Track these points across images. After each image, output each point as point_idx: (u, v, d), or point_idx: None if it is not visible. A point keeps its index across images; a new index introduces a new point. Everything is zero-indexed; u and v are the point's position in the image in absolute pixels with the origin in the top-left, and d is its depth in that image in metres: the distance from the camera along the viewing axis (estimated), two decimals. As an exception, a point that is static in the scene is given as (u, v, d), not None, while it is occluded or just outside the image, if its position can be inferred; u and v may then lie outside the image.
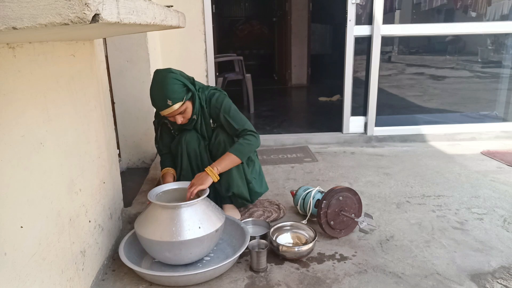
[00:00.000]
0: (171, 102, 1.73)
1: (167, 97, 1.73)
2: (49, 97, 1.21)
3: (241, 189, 2.00)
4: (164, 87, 1.73)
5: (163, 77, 1.76)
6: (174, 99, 1.74)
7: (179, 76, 1.79)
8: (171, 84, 1.74)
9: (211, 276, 1.55)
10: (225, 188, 1.99)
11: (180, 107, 1.77)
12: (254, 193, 2.07)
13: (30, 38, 0.99)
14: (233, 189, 1.98)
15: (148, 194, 1.63)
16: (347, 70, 3.31)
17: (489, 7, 3.46)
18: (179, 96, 1.75)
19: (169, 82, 1.74)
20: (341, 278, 1.56)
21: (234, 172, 1.96)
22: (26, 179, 1.08)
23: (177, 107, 1.75)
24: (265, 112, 4.72)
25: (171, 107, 1.74)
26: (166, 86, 1.73)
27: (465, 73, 3.86)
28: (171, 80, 1.75)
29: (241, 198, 2.05)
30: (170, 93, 1.73)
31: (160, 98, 1.75)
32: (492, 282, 1.52)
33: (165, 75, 1.76)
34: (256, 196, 2.10)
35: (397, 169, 2.75)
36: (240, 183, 2.00)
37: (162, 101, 1.74)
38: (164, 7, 1.16)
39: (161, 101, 1.75)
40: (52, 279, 1.19)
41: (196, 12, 3.14)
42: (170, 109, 1.75)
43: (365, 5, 3.19)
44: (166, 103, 1.73)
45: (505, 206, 2.15)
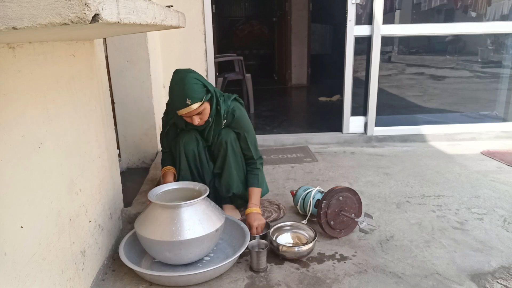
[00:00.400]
0: (190, 102, 1.70)
1: (187, 96, 1.70)
2: (49, 97, 1.21)
3: (241, 190, 2.01)
4: (185, 86, 1.70)
5: (183, 76, 1.73)
6: (193, 98, 1.71)
7: (199, 76, 1.78)
8: (191, 84, 1.71)
9: (211, 276, 1.55)
10: (226, 189, 1.99)
11: (198, 107, 1.74)
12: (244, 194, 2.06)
13: (30, 38, 0.99)
14: (233, 189, 1.99)
15: (148, 194, 1.63)
16: (347, 70, 3.31)
17: (489, 7, 3.46)
18: (198, 96, 1.72)
19: (189, 81, 1.71)
20: (341, 278, 1.56)
21: (234, 173, 1.96)
22: (26, 179, 1.08)
23: (196, 107, 1.72)
24: (265, 112, 4.72)
25: (190, 106, 1.71)
26: (186, 85, 1.70)
27: (465, 73, 3.86)
28: (191, 79, 1.72)
29: (241, 199, 2.05)
30: (190, 92, 1.70)
31: (180, 97, 1.72)
32: (492, 282, 1.52)
33: (186, 74, 1.74)
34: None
35: (397, 169, 2.75)
36: (240, 184, 2.00)
37: (181, 100, 1.71)
38: (164, 7, 1.16)
39: (180, 100, 1.72)
40: (52, 279, 1.19)
41: (196, 12, 3.14)
42: (188, 109, 1.72)
43: (365, 5, 3.19)
44: (185, 102, 1.70)
45: (505, 206, 2.15)
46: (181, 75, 1.74)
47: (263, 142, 3.36)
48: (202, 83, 1.75)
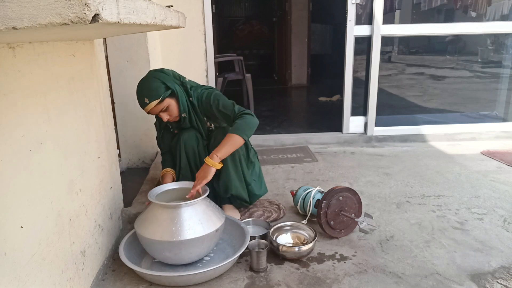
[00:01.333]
0: (147, 100, 1.80)
1: (144, 95, 1.81)
2: (49, 97, 1.21)
3: (239, 190, 2.00)
4: (142, 86, 1.83)
5: (145, 77, 1.86)
6: (150, 96, 1.80)
7: (161, 74, 1.85)
8: (148, 83, 1.82)
9: (211, 276, 1.55)
10: (224, 190, 1.99)
11: (158, 104, 1.82)
12: (253, 195, 2.07)
13: (30, 38, 0.99)
14: (232, 190, 1.98)
15: (148, 194, 1.63)
16: (347, 70, 3.31)
17: (489, 7, 3.46)
18: (155, 94, 1.80)
19: (147, 81, 1.83)
20: (341, 278, 1.56)
21: (232, 173, 1.96)
22: (26, 179, 1.08)
23: (155, 104, 1.81)
24: (265, 112, 4.72)
25: (149, 104, 1.81)
26: (144, 84, 1.83)
27: (465, 73, 3.86)
28: (150, 79, 1.83)
29: (239, 199, 2.05)
30: (146, 91, 1.81)
31: (139, 96, 1.84)
32: (492, 282, 1.52)
33: (148, 74, 1.87)
34: (255, 198, 2.10)
35: (397, 169, 2.75)
36: (239, 185, 1.99)
37: (140, 99, 1.83)
38: (164, 7, 1.16)
39: (140, 99, 1.83)
40: (52, 279, 1.19)
41: (196, 12, 3.14)
42: (148, 106, 1.82)
43: (365, 5, 3.19)
44: (144, 100, 1.81)
45: (505, 206, 2.15)
46: (145, 76, 1.87)
47: (263, 142, 3.36)
48: (160, 81, 1.82)
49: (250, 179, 2.03)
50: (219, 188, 2.00)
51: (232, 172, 1.95)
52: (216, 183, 2.01)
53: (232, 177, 1.96)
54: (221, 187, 1.99)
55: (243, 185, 2.01)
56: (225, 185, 1.98)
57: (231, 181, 1.96)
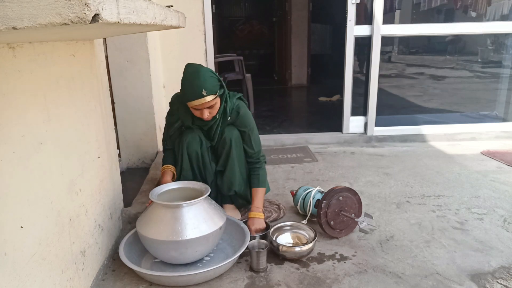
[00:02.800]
0: (205, 93, 1.70)
1: (203, 87, 1.69)
2: (49, 97, 1.21)
3: (243, 188, 2.01)
4: (202, 77, 1.71)
5: (199, 69, 1.74)
6: (209, 90, 1.71)
7: (213, 71, 1.81)
8: (207, 76, 1.72)
9: (211, 276, 1.55)
10: (227, 187, 1.99)
11: (212, 100, 1.74)
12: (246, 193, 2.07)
13: (30, 38, 0.99)
14: (235, 188, 1.99)
15: (149, 194, 1.63)
16: (347, 70, 3.31)
17: (489, 7, 3.46)
18: (214, 88, 1.73)
19: (205, 74, 1.73)
20: (341, 278, 1.56)
21: (237, 170, 1.96)
22: (26, 179, 1.08)
23: (210, 99, 1.72)
24: (265, 112, 4.72)
25: (205, 97, 1.71)
26: (203, 76, 1.71)
27: (465, 73, 3.86)
28: (207, 72, 1.74)
29: (242, 198, 2.05)
30: (206, 83, 1.70)
31: (196, 87, 1.70)
32: (492, 282, 1.52)
33: (201, 67, 1.76)
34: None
35: (397, 169, 2.75)
36: (242, 183, 2.00)
37: (197, 90, 1.70)
38: (164, 7, 1.16)
39: (196, 90, 1.70)
40: (52, 279, 1.19)
41: (196, 12, 3.14)
42: (202, 100, 1.71)
43: (365, 5, 3.19)
44: (201, 93, 1.69)
45: (505, 206, 2.15)
46: (196, 67, 1.76)
47: (263, 142, 3.30)
48: (217, 77, 1.78)
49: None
50: (222, 185, 2.00)
51: (237, 169, 1.96)
52: (220, 180, 2.01)
53: (237, 174, 1.97)
54: (225, 184, 1.99)
55: (246, 183, 2.02)
56: (229, 182, 1.98)
57: (235, 178, 1.97)
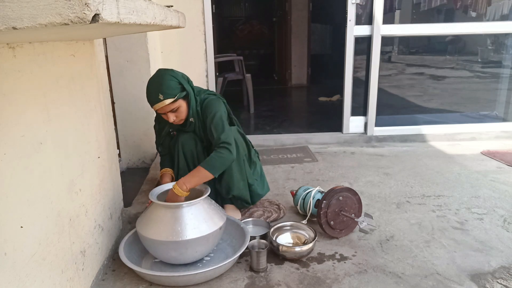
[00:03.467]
0: (162, 97, 1.73)
1: (159, 91, 1.73)
2: (49, 97, 1.21)
3: (241, 191, 1.99)
4: (158, 82, 1.75)
5: (160, 73, 1.79)
6: (166, 94, 1.73)
7: (177, 74, 1.81)
8: (165, 80, 1.75)
9: (211, 276, 1.55)
10: (226, 191, 1.98)
11: (171, 103, 1.76)
12: (256, 195, 2.07)
13: (30, 38, 0.99)
14: (234, 192, 1.97)
15: (149, 194, 1.64)
16: (347, 70, 3.31)
17: (489, 7, 3.46)
18: (171, 92, 1.74)
19: (164, 78, 1.76)
20: (341, 278, 1.56)
21: (236, 174, 1.94)
22: (26, 179, 1.08)
23: (168, 102, 1.74)
24: (265, 112, 4.72)
25: (162, 101, 1.74)
26: (160, 80, 1.75)
27: (465, 73, 3.86)
28: (167, 76, 1.77)
29: (241, 200, 2.05)
30: (162, 87, 1.73)
31: (153, 92, 1.75)
32: (492, 282, 1.52)
33: (163, 71, 1.79)
34: (258, 198, 2.10)
35: (397, 169, 2.75)
36: (241, 185, 1.98)
37: (154, 95, 1.75)
38: (164, 7, 1.16)
39: (153, 95, 1.75)
40: (52, 279, 1.19)
41: (196, 12, 3.14)
42: (161, 104, 1.75)
43: (365, 5, 3.19)
44: (158, 97, 1.74)
45: (505, 206, 2.15)
46: (159, 72, 1.80)
47: (263, 142, 3.36)
48: (177, 81, 1.78)
49: (252, 179, 2.03)
50: (221, 188, 1.99)
51: (235, 173, 1.94)
52: (218, 184, 2.00)
53: (235, 178, 1.94)
54: (223, 188, 1.98)
55: (245, 186, 2.00)
56: (227, 186, 1.96)
57: (233, 182, 1.95)
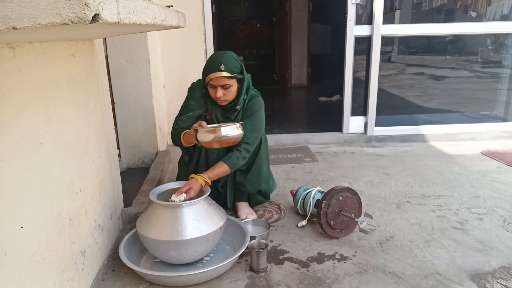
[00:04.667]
0: (223, 67, 1.78)
1: (222, 62, 1.79)
2: (49, 97, 1.21)
3: (267, 185, 2.09)
4: (224, 55, 1.82)
5: (227, 51, 1.86)
6: (227, 67, 1.79)
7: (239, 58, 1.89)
8: (231, 56, 1.83)
9: (211, 276, 1.55)
10: (253, 185, 2.02)
11: (227, 77, 1.80)
12: (269, 190, 2.16)
13: (30, 38, 0.99)
14: (261, 186, 2.05)
15: (149, 194, 1.64)
16: (347, 70, 3.31)
17: (489, 7, 3.46)
18: (232, 68, 1.81)
19: (230, 54, 1.84)
20: (341, 278, 1.56)
21: (265, 169, 2.02)
22: (26, 179, 1.08)
23: (225, 74, 1.79)
24: (265, 112, 4.70)
25: (221, 72, 1.78)
26: (226, 55, 1.83)
27: (465, 73, 3.86)
28: (233, 54, 1.85)
29: (263, 195, 2.13)
30: (226, 60, 1.80)
31: (216, 61, 1.81)
32: (492, 282, 1.52)
33: (230, 52, 1.87)
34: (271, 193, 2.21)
35: (397, 169, 2.75)
36: (268, 180, 2.08)
37: (216, 64, 1.79)
38: (164, 7, 1.16)
39: (215, 64, 1.80)
40: (52, 279, 1.19)
41: (196, 12, 3.14)
42: (218, 74, 1.79)
43: (365, 5, 3.19)
44: (218, 67, 1.79)
45: (505, 206, 2.15)
46: (227, 51, 1.87)
47: (263, 142, 3.36)
48: (240, 64, 1.86)
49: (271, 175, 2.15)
50: (245, 183, 2.00)
51: (265, 168, 2.02)
52: (242, 178, 2.01)
53: (264, 173, 2.02)
54: (249, 182, 2.00)
55: (269, 181, 2.10)
56: (256, 180, 2.01)
57: (262, 177, 2.02)
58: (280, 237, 1.88)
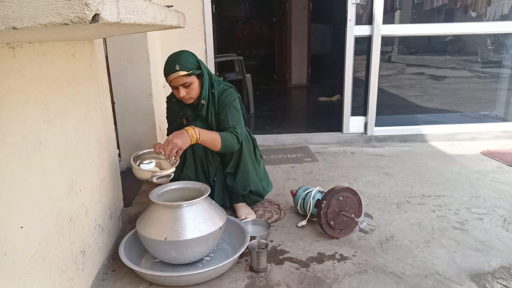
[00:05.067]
0: (178, 67, 1.80)
1: (177, 62, 1.81)
2: (49, 97, 1.21)
3: (257, 185, 2.06)
4: (177, 55, 1.85)
5: (180, 51, 1.89)
6: (182, 65, 1.81)
7: (195, 56, 1.91)
8: (184, 54, 1.85)
9: (211, 276, 1.55)
10: (243, 187, 2.02)
11: (185, 76, 1.82)
12: (264, 190, 2.13)
13: (30, 38, 0.99)
14: (251, 186, 2.03)
15: (149, 194, 1.64)
16: (347, 70, 3.31)
17: (489, 7, 3.46)
18: (187, 66, 1.82)
19: (183, 53, 1.87)
20: (341, 278, 1.56)
21: (251, 169, 2.00)
22: (26, 179, 1.08)
23: (182, 74, 1.81)
24: (265, 112, 4.72)
25: (177, 72, 1.80)
26: (179, 54, 1.85)
27: (465, 73, 3.86)
28: (187, 53, 1.87)
29: (256, 194, 2.10)
30: (180, 60, 1.82)
31: (170, 62, 1.83)
32: (492, 282, 1.52)
33: (183, 51, 1.89)
34: (265, 194, 2.16)
35: (397, 169, 2.75)
36: (256, 180, 2.06)
37: (171, 65, 1.82)
38: (164, 7, 1.16)
39: (170, 65, 1.83)
40: (52, 279, 1.19)
41: (196, 12, 3.14)
42: (175, 74, 1.81)
43: (365, 5, 3.19)
44: (174, 67, 1.81)
45: (505, 206, 2.15)
46: (180, 50, 1.90)
47: (263, 142, 3.36)
48: (195, 59, 1.88)
49: (260, 175, 2.10)
50: (236, 185, 2.02)
51: (250, 168, 2.00)
52: (232, 181, 2.02)
53: (251, 173, 2.01)
54: (240, 184, 2.01)
55: (259, 180, 2.08)
56: (244, 182, 2.00)
57: (249, 177, 2.00)
58: (280, 237, 1.88)
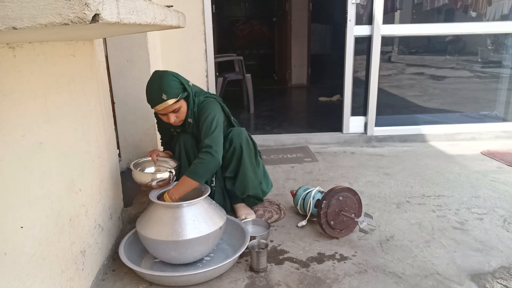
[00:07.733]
0: (166, 97, 1.71)
1: (163, 91, 1.70)
2: (49, 97, 1.21)
3: (256, 190, 2.05)
4: (161, 82, 1.72)
5: (161, 74, 1.77)
6: (169, 93, 1.71)
7: (178, 75, 1.80)
8: (168, 80, 1.73)
9: (211, 276, 1.55)
10: (241, 191, 2.02)
11: (174, 103, 1.74)
12: (263, 192, 2.12)
13: (30, 38, 0.99)
14: (249, 191, 2.02)
15: (149, 194, 1.64)
16: (347, 70, 3.31)
17: (489, 7, 3.46)
18: (174, 92, 1.73)
19: (166, 78, 1.73)
20: (341, 278, 1.56)
21: (250, 173, 1.98)
22: (26, 179, 1.08)
23: (171, 102, 1.73)
24: (265, 112, 4.72)
25: (166, 101, 1.72)
26: (163, 80, 1.72)
27: (465, 73, 3.86)
28: (168, 76, 1.75)
29: (255, 198, 2.09)
30: (166, 87, 1.71)
31: (156, 92, 1.72)
32: (492, 282, 1.52)
33: (164, 72, 1.78)
34: (264, 195, 2.16)
35: (397, 169, 2.75)
36: (256, 184, 2.04)
37: (157, 95, 1.72)
38: (164, 7, 1.16)
39: (156, 95, 1.72)
40: (52, 279, 1.19)
41: (196, 12, 3.14)
42: (164, 104, 1.72)
43: (365, 5, 3.19)
44: (161, 97, 1.71)
45: (505, 206, 2.15)
46: (159, 73, 1.78)
47: (263, 142, 3.36)
48: (179, 81, 1.77)
49: (260, 177, 2.09)
50: (234, 190, 2.02)
51: (250, 173, 1.98)
52: (231, 185, 2.03)
53: (250, 178, 1.99)
54: (239, 188, 2.01)
55: (258, 184, 2.07)
56: (243, 186, 2.00)
57: (248, 182, 1.99)
58: (280, 237, 1.88)
